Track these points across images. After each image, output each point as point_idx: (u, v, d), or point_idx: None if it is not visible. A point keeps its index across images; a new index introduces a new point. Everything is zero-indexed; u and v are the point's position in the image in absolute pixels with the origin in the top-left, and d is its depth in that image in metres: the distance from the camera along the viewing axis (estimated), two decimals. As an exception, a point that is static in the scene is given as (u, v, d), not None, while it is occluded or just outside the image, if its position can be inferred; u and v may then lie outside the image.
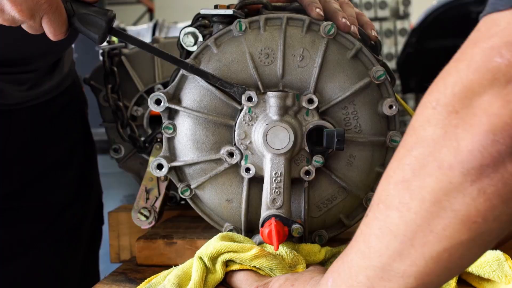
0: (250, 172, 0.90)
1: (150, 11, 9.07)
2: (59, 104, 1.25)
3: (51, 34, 0.85)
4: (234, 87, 0.88)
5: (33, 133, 1.19)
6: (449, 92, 0.53)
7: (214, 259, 0.81)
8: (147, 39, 3.74)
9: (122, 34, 0.90)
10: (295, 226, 0.84)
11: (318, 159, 0.88)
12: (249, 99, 0.88)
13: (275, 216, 0.84)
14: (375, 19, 7.80)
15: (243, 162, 0.90)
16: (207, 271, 0.80)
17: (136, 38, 0.92)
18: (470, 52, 0.53)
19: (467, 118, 0.51)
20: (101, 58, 1.27)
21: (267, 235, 0.80)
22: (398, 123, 0.91)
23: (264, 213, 0.86)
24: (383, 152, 0.92)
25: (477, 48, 0.53)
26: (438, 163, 0.52)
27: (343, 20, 0.89)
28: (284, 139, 0.87)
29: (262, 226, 0.84)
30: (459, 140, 0.51)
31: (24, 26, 0.84)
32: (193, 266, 0.80)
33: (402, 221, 0.56)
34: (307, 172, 0.89)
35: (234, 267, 0.81)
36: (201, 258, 0.80)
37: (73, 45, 1.35)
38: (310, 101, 0.88)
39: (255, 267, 0.80)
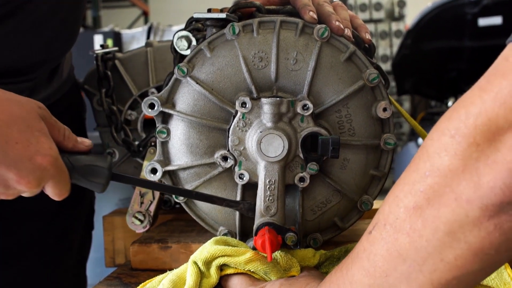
0: (244, 178, 0.90)
1: (145, 14, 9.08)
2: (57, 109, 1.24)
3: (56, 196, 0.80)
4: (240, 203, 0.89)
5: None
6: (471, 122, 0.52)
7: (208, 263, 0.81)
8: (142, 42, 3.74)
9: (125, 178, 0.87)
10: (289, 234, 0.83)
11: (312, 167, 0.88)
12: (243, 104, 0.88)
13: (269, 224, 0.82)
14: (370, 21, 7.83)
15: (236, 168, 0.90)
16: (201, 275, 0.80)
17: (140, 179, 0.93)
18: (498, 84, 0.52)
19: (490, 153, 0.50)
20: (94, 62, 1.26)
21: (260, 245, 0.79)
22: (392, 126, 0.91)
23: (257, 221, 0.84)
24: (377, 155, 0.92)
25: (506, 80, 0.51)
26: (455, 195, 0.51)
27: (337, 23, 0.89)
28: (278, 147, 0.86)
29: (255, 234, 0.82)
30: (480, 175, 0.50)
31: (25, 194, 0.79)
32: (187, 271, 0.80)
33: (412, 247, 0.55)
34: (301, 179, 0.89)
35: (229, 271, 0.81)
36: (195, 263, 0.80)
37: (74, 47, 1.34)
38: (305, 107, 0.87)
39: (249, 271, 0.80)
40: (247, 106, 0.88)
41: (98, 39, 3.53)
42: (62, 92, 1.25)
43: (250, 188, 0.91)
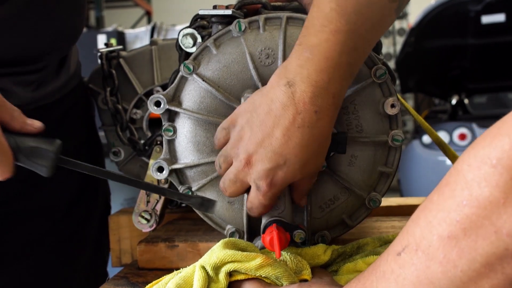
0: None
1: (148, 14, 9.08)
2: (65, 106, 1.24)
3: None
4: (192, 198, 0.90)
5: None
6: None
7: (217, 268, 0.79)
8: (146, 41, 3.75)
9: (72, 163, 0.86)
10: (297, 231, 0.83)
11: None
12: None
13: (277, 221, 0.82)
14: (373, 19, 7.82)
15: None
16: (209, 280, 0.79)
17: (87, 165, 0.89)
18: None
19: None
20: (99, 61, 1.26)
21: (268, 242, 0.79)
22: (400, 122, 0.90)
23: (265, 219, 0.84)
24: (385, 152, 0.91)
25: None
26: (495, 228, 0.50)
27: None
28: None
29: (263, 232, 0.82)
30: None
31: None
32: (195, 275, 0.79)
33: (445, 276, 0.54)
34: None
35: (239, 277, 0.79)
36: (203, 267, 0.79)
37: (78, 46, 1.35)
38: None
39: (260, 276, 0.79)
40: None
41: (101, 39, 3.53)
42: (70, 87, 1.25)
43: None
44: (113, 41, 3.52)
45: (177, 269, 0.84)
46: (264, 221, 0.84)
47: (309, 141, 0.77)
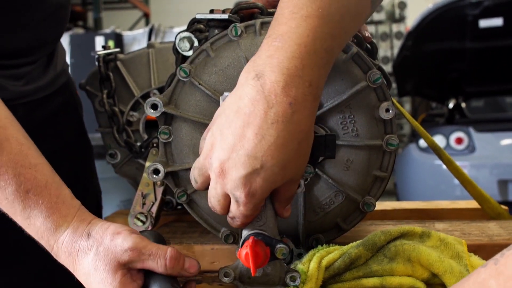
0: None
1: (146, 16, 9.09)
2: (53, 104, 1.25)
3: None
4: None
5: (26, 131, 1.20)
6: None
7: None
8: (143, 43, 3.75)
9: None
10: (279, 246, 0.74)
11: (307, 169, 0.84)
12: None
13: (256, 234, 0.74)
14: (371, 22, 7.83)
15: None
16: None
17: None
18: None
19: None
20: (96, 63, 1.27)
21: (244, 257, 0.72)
22: (395, 127, 0.91)
23: (245, 231, 0.77)
24: (380, 156, 0.91)
25: None
26: None
27: None
28: None
29: (241, 245, 0.74)
30: None
31: None
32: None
33: None
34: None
35: None
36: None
37: (66, 48, 1.35)
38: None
39: None
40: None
41: (99, 41, 3.53)
42: (57, 85, 1.26)
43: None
44: (111, 43, 3.52)
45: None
46: (244, 233, 0.77)
47: (286, 139, 0.68)
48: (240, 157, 0.69)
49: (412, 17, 6.08)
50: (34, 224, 0.82)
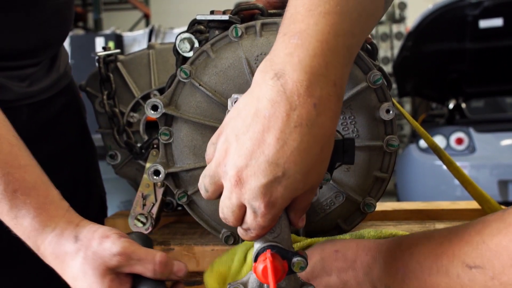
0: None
1: (146, 16, 9.09)
2: (56, 105, 1.25)
3: None
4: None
5: (29, 132, 1.20)
6: None
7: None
8: (143, 44, 3.76)
9: None
10: (296, 259, 0.68)
11: (324, 176, 0.70)
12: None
13: (272, 247, 0.68)
14: (371, 23, 7.84)
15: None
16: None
17: None
18: None
19: None
20: (96, 64, 1.27)
21: (261, 273, 0.66)
22: (395, 128, 0.91)
23: (258, 244, 0.70)
24: (380, 157, 0.91)
25: None
26: None
27: None
28: None
29: (255, 260, 0.68)
30: None
31: None
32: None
33: None
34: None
35: None
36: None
37: (67, 49, 1.36)
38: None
39: None
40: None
41: (99, 42, 3.54)
42: (60, 87, 1.27)
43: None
44: (111, 44, 3.53)
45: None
46: (256, 246, 0.70)
47: (310, 144, 0.62)
48: (260, 164, 0.62)
49: (412, 18, 6.09)
50: (21, 224, 0.81)
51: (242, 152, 0.63)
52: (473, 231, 0.65)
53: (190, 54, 0.94)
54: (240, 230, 0.68)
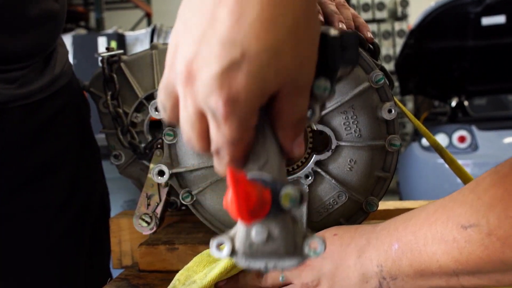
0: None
1: (148, 15, 9.09)
2: (52, 106, 1.24)
3: None
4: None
5: (24, 134, 1.19)
6: None
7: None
8: (146, 43, 3.76)
9: None
10: (286, 189, 0.47)
11: (321, 84, 0.52)
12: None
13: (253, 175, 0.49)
14: (373, 20, 7.83)
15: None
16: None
17: None
18: None
19: None
20: (100, 65, 1.27)
21: (230, 204, 0.46)
22: (397, 127, 0.91)
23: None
24: (383, 156, 0.92)
25: None
26: None
27: (340, 25, 0.89)
28: None
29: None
30: None
31: None
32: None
33: None
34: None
35: None
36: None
37: (69, 49, 1.35)
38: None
39: None
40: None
41: (101, 41, 3.54)
42: (56, 87, 1.25)
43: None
44: (113, 43, 3.53)
45: (177, 271, 0.86)
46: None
47: (275, 13, 0.45)
48: (213, 48, 0.46)
49: (414, 15, 6.08)
50: None
51: (191, 39, 0.47)
52: (467, 191, 0.63)
53: (193, 55, 0.94)
54: (214, 161, 0.51)
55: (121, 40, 3.69)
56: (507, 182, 0.59)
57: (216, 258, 0.84)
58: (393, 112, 0.90)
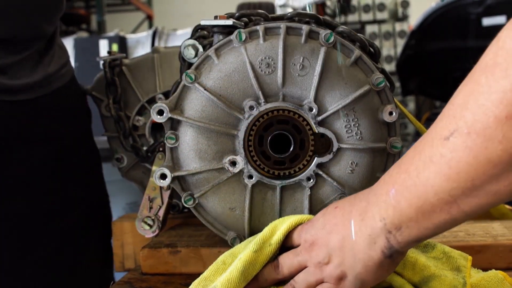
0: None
1: (149, 18, 9.10)
2: (45, 107, 1.23)
3: None
4: None
5: (9, 131, 1.17)
6: None
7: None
8: (147, 46, 3.76)
9: None
10: None
11: None
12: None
13: None
14: (374, 21, 7.82)
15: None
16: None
17: None
18: None
19: None
20: (102, 68, 1.28)
21: None
22: (398, 129, 0.92)
23: None
24: (384, 158, 0.92)
25: None
26: None
27: None
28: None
29: None
30: None
31: None
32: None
33: (506, 153, 0.56)
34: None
35: None
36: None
37: (71, 52, 1.34)
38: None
39: None
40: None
41: (103, 44, 3.55)
42: (51, 88, 1.24)
43: (259, 190, 0.92)
44: (114, 46, 3.53)
45: (180, 274, 0.86)
46: None
47: None
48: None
49: (415, 16, 6.08)
50: None
51: None
52: (446, 107, 0.64)
53: (195, 60, 0.95)
54: None
55: (122, 42, 3.70)
56: (474, 76, 0.60)
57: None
58: (394, 114, 0.90)
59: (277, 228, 0.84)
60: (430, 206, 0.64)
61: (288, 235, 0.84)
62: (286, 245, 0.84)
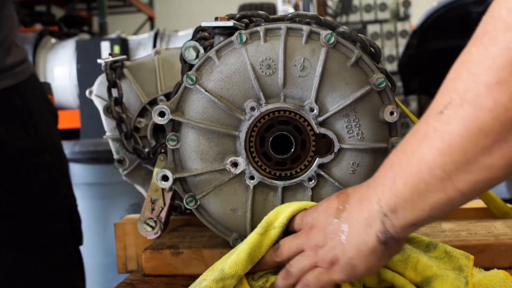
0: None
1: (151, 19, 9.11)
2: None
3: None
4: None
5: None
6: None
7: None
8: (149, 48, 3.77)
9: None
10: None
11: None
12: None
13: None
14: (376, 21, 7.82)
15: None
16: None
17: None
18: None
19: None
20: (103, 70, 1.28)
21: None
22: (400, 129, 0.92)
23: None
24: (385, 158, 0.92)
25: None
26: None
27: None
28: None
29: None
30: None
31: None
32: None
33: (497, 122, 0.56)
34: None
35: None
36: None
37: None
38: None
39: None
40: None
41: (105, 46, 3.55)
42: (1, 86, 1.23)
43: (261, 191, 0.92)
44: (116, 48, 3.54)
45: (182, 275, 0.87)
46: None
47: None
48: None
49: (417, 16, 6.07)
50: None
51: None
52: (442, 84, 0.64)
53: (196, 61, 0.95)
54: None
55: (124, 44, 3.70)
56: (466, 49, 0.60)
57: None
58: (395, 114, 0.90)
59: (282, 212, 0.85)
60: (425, 184, 0.64)
61: (292, 220, 0.85)
62: (290, 229, 0.85)
